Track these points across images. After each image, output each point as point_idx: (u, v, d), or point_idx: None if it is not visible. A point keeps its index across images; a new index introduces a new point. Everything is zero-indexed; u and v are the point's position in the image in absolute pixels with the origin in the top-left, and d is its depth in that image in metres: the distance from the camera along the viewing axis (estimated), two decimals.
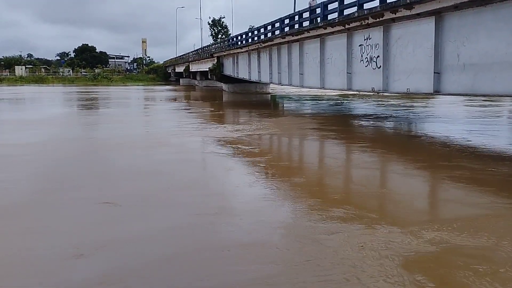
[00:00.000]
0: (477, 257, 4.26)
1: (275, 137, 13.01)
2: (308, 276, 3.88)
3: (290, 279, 3.84)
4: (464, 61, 10.21)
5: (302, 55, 19.78)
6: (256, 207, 5.96)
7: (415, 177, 7.94)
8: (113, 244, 4.74)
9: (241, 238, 4.82)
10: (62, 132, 14.10)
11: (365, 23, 13.76)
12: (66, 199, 6.38)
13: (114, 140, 12.36)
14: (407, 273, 3.90)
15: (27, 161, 9.30)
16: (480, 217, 5.46)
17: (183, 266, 4.20)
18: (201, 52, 47.70)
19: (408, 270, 3.96)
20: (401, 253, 4.28)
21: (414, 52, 11.98)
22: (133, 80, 73.49)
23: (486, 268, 4.02)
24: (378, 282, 3.75)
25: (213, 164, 9.25)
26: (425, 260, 4.20)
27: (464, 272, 3.94)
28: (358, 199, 6.43)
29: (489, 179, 7.39)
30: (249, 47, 27.96)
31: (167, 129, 14.42)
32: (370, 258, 4.19)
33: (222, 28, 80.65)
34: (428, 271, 3.96)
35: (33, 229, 5.19)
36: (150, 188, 7.00)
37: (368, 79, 14.34)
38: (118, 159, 9.57)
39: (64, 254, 4.41)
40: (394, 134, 13.89)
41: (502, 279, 3.80)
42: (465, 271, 3.94)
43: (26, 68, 79.47)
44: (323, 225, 5.13)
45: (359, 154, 10.18)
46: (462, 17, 10.20)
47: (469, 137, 12.13)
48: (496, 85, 9.42)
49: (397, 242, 4.55)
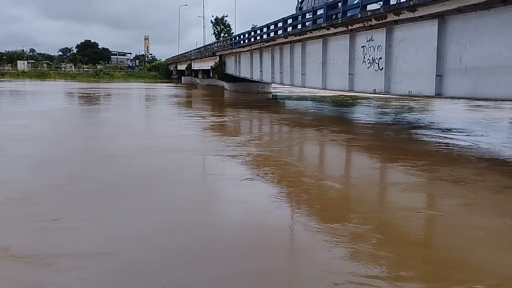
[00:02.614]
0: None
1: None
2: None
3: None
4: (466, 65, 10.20)
5: (304, 55, 19.78)
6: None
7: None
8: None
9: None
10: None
11: (368, 24, 13.76)
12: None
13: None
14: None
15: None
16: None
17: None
18: (203, 51, 47.71)
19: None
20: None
21: (416, 55, 11.98)
22: (135, 77, 73.59)
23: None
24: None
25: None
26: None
27: None
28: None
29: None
30: (251, 46, 27.95)
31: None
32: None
33: (224, 26, 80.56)
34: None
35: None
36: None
37: (369, 81, 14.34)
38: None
39: None
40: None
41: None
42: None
43: (28, 63, 79.58)
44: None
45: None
46: (465, 21, 10.19)
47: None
48: (499, 89, 9.41)
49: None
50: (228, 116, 18.72)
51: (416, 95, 12.51)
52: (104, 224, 5.23)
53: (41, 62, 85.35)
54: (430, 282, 3.90)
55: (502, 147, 10.95)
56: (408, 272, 4.04)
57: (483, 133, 13.29)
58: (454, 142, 11.57)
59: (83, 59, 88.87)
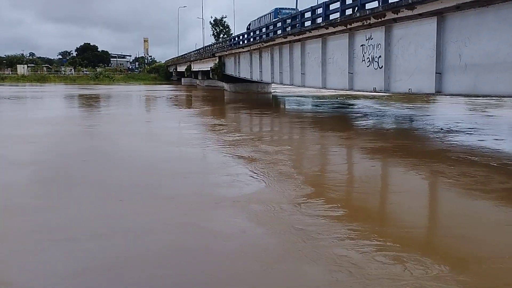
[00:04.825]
0: None
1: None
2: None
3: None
4: (466, 62, 10.19)
5: (304, 55, 19.77)
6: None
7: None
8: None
9: None
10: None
11: (367, 23, 13.75)
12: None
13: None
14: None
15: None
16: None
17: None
18: (202, 52, 47.69)
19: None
20: None
21: (415, 53, 11.97)
22: (135, 79, 73.59)
23: None
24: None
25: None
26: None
27: None
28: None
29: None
30: (250, 47, 27.95)
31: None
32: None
33: (224, 27, 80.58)
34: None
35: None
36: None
37: (369, 79, 14.33)
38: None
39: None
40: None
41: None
42: None
43: (28, 67, 79.63)
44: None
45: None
46: (464, 18, 10.18)
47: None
48: (498, 85, 9.40)
49: None
50: (243, 125, 18.55)
51: (416, 93, 12.50)
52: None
53: (41, 66, 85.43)
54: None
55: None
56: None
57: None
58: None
59: (83, 62, 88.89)
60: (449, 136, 12.38)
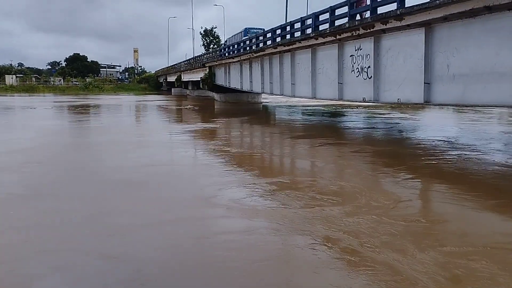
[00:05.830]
0: None
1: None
2: None
3: None
4: (453, 72, 10.30)
5: (294, 65, 19.85)
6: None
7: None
8: None
9: None
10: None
11: (356, 33, 13.87)
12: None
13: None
14: None
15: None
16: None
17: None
18: (193, 62, 47.73)
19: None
20: None
21: (404, 63, 12.07)
22: (125, 89, 73.32)
23: None
24: None
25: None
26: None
27: None
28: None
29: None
30: (241, 57, 28.03)
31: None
32: None
33: (214, 38, 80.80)
34: None
35: None
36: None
37: (359, 89, 14.40)
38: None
39: None
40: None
41: None
42: None
43: (16, 77, 78.90)
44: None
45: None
46: (452, 29, 10.32)
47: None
48: (486, 95, 9.50)
49: None
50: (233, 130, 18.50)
51: (405, 103, 12.57)
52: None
53: (30, 76, 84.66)
54: None
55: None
56: None
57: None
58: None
59: (72, 73, 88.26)
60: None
